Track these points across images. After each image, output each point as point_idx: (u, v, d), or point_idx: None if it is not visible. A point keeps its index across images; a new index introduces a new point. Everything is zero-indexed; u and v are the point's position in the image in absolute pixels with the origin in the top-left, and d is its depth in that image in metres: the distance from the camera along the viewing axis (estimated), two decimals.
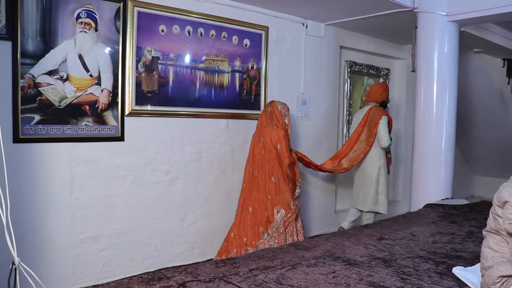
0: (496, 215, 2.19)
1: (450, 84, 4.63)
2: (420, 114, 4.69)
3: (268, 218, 4.22)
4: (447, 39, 4.63)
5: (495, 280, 2.15)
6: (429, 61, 4.63)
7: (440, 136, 4.58)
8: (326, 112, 5.49)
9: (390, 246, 3.13)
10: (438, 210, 4.29)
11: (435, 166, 4.61)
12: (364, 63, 6.18)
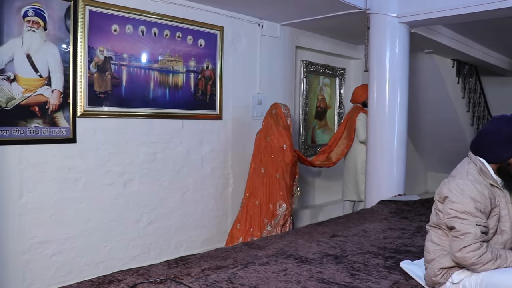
0: (438, 210, 2.27)
1: (402, 84, 4.74)
2: (373, 112, 4.79)
3: (272, 211, 4.62)
4: (398, 40, 4.74)
5: (436, 272, 2.23)
6: (381, 61, 4.73)
7: (392, 134, 4.70)
8: None
9: (342, 243, 3.19)
10: (390, 206, 4.39)
11: (388, 163, 4.72)
12: (320, 63, 6.26)
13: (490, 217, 2.18)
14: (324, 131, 6.41)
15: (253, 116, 5.17)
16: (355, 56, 6.76)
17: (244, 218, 4.68)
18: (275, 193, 4.63)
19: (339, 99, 6.63)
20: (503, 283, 2.00)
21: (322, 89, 6.39)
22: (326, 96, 6.46)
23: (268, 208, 4.64)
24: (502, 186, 2.27)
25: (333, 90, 6.58)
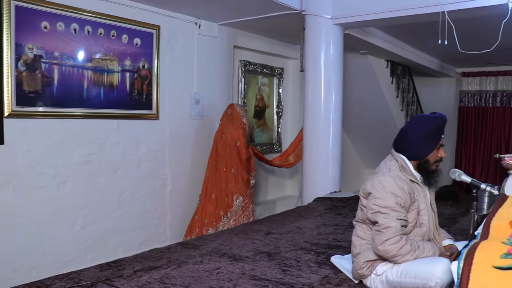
0: (362, 206, 2.37)
1: (336, 84, 4.87)
2: (309, 112, 4.89)
3: (228, 203, 4.95)
4: (333, 40, 4.87)
5: (361, 265, 2.32)
6: (316, 61, 4.84)
7: (328, 133, 4.82)
8: (220, 111, 5.54)
9: (276, 240, 3.25)
10: (326, 203, 4.51)
11: (324, 161, 4.84)
12: (258, 63, 6.32)
13: (410, 211, 2.30)
14: (263, 130, 6.48)
15: (190, 116, 5.16)
16: (293, 56, 6.86)
17: (201, 210, 4.98)
18: (231, 187, 4.97)
19: (277, 98, 6.71)
20: (419, 271, 2.12)
21: (261, 89, 6.45)
22: (264, 95, 6.53)
23: (224, 201, 4.95)
24: (421, 182, 2.40)
25: (272, 90, 6.66)
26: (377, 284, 2.31)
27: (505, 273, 1.51)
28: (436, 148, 2.35)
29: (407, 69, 8.49)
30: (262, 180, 6.44)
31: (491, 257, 1.58)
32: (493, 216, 1.97)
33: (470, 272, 1.56)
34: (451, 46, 4.33)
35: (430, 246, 2.27)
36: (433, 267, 2.07)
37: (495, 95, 9.51)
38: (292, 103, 7.04)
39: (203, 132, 5.35)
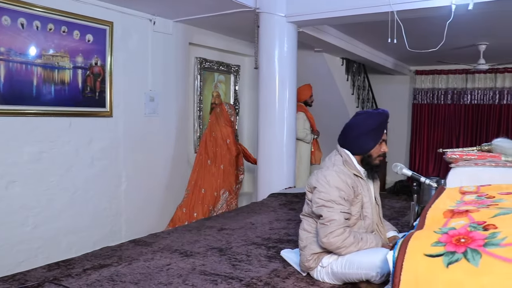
0: (308, 200, 2.42)
1: (290, 81, 4.93)
2: (263, 109, 4.94)
3: (216, 198, 5.27)
4: (287, 38, 4.92)
5: (308, 258, 2.38)
6: (270, 59, 4.89)
7: (282, 130, 4.87)
8: (176, 108, 5.53)
9: (229, 236, 3.28)
10: (280, 199, 4.57)
11: (278, 158, 4.89)
12: (214, 60, 6.33)
13: (353, 204, 2.37)
14: None
15: (145, 114, 5.12)
16: (250, 54, 6.87)
17: (190, 203, 5.22)
18: (220, 182, 5.31)
19: (234, 95, 6.73)
20: (362, 261, 2.20)
21: (217, 86, 6.46)
22: (221, 92, 6.54)
23: (213, 196, 5.28)
24: (365, 176, 2.48)
25: (228, 87, 6.67)
26: (323, 276, 2.38)
27: (434, 260, 1.59)
28: (379, 143, 2.43)
29: (362, 66, 8.67)
30: None
31: (423, 246, 1.65)
32: (429, 208, 2.05)
33: (403, 261, 1.63)
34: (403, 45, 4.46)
35: (373, 238, 2.35)
36: (374, 257, 2.15)
37: (447, 92, 9.83)
38: (249, 100, 7.07)
39: (159, 130, 5.32)
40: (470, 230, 1.71)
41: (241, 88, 6.92)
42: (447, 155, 3.03)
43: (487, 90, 9.50)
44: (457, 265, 1.55)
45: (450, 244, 1.64)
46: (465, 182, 2.64)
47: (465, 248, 1.60)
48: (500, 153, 2.94)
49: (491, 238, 1.63)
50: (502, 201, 2.04)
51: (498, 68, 9.13)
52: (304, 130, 6.10)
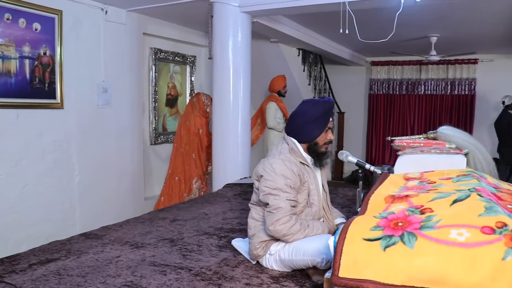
0: (256, 188, 2.44)
1: (244, 71, 4.92)
2: (217, 99, 4.92)
3: (190, 186, 5.48)
4: (241, 28, 4.90)
5: (256, 246, 2.40)
6: (224, 49, 4.86)
7: (236, 120, 4.87)
8: (130, 100, 5.45)
9: (181, 227, 3.27)
10: (236, 189, 4.57)
11: (233, 148, 4.89)
12: (169, 50, 6.25)
13: (300, 192, 2.40)
14: (176, 118, 6.43)
15: (98, 105, 5.02)
16: (205, 44, 6.80)
17: (167, 192, 5.46)
18: (192, 170, 5.51)
19: (190, 86, 6.68)
20: (308, 248, 2.23)
21: (173, 77, 6.39)
22: (177, 83, 6.48)
23: (187, 184, 5.49)
24: (312, 164, 2.51)
25: (184, 78, 6.62)
26: (271, 263, 2.40)
27: (372, 243, 1.63)
28: (325, 131, 2.46)
29: (318, 57, 8.75)
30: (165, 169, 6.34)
31: (362, 230, 1.70)
32: (372, 194, 2.10)
33: (343, 245, 1.67)
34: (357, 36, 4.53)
35: (320, 225, 2.38)
36: (320, 244, 2.18)
37: (401, 83, 10.05)
38: (206, 91, 7.02)
39: (113, 121, 5.23)
40: (408, 214, 1.76)
41: (198, 79, 6.88)
42: (395, 143, 3.12)
43: (439, 81, 9.77)
44: (393, 248, 1.60)
45: (388, 228, 1.68)
46: (412, 169, 2.72)
47: (402, 232, 1.65)
48: (444, 141, 3.04)
49: (427, 221, 1.68)
50: (442, 186, 2.11)
51: (449, 60, 9.39)
52: (275, 119, 6.27)
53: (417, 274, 1.54)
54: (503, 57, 9.25)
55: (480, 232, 1.60)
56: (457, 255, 1.54)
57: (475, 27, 6.47)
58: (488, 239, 1.57)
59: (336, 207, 3.85)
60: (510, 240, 1.55)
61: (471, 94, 9.51)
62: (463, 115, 9.54)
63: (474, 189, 1.95)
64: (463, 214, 1.70)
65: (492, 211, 1.71)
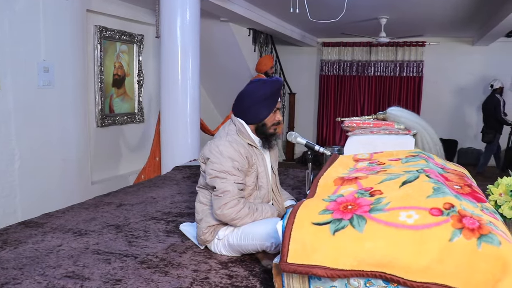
0: (203, 171, 2.36)
1: (193, 51, 4.78)
2: (165, 80, 4.77)
3: None
4: (189, 6, 4.73)
5: (204, 231, 2.33)
6: (172, 28, 4.69)
7: (185, 101, 4.74)
8: (74, 80, 5.18)
9: (127, 212, 3.15)
10: (185, 171, 4.47)
11: (182, 130, 4.77)
12: (116, 29, 6.00)
13: (248, 174, 2.34)
14: (123, 99, 6.23)
15: (39, 86, 4.74)
16: (153, 22, 6.59)
17: (147, 171, 5.39)
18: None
19: (138, 66, 6.46)
20: (256, 232, 2.19)
21: (120, 56, 6.16)
22: (124, 63, 6.25)
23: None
24: (260, 145, 2.45)
25: (132, 57, 6.39)
26: (220, 248, 2.34)
27: (321, 227, 1.59)
28: (273, 111, 2.39)
29: (269, 37, 8.67)
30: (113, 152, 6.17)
31: (311, 214, 1.65)
32: (321, 176, 2.06)
33: (291, 230, 1.62)
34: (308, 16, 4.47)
35: (269, 208, 2.34)
36: (268, 228, 2.13)
37: (352, 64, 10.15)
38: (154, 71, 6.83)
39: (55, 103, 4.96)
40: (357, 197, 1.73)
41: (146, 59, 6.66)
42: (345, 124, 3.11)
43: (388, 62, 9.92)
44: (343, 232, 1.56)
45: (338, 211, 1.65)
46: (362, 150, 2.71)
47: (351, 215, 1.62)
48: (393, 121, 3.05)
49: (376, 203, 1.66)
50: (391, 167, 2.10)
51: (398, 42, 9.55)
52: None
53: (367, 258, 1.51)
54: (449, 40, 9.50)
55: (429, 213, 1.59)
56: (406, 238, 1.52)
57: (423, 10, 6.57)
58: (436, 221, 1.56)
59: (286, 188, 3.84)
60: (457, 222, 1.55)
61: (418, 76, 9.73)
62: (411, 96, 9.75)
63: (422, 170, 1.95)
64: (412, 195, 1.69)
65: (440, 192, 1.70)
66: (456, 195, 1.79)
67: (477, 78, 9.43)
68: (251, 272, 2.16)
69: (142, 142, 6.64)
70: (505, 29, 7.17)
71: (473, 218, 1.58)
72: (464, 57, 9.48)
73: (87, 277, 2.07)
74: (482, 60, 9.38)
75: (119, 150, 6.30)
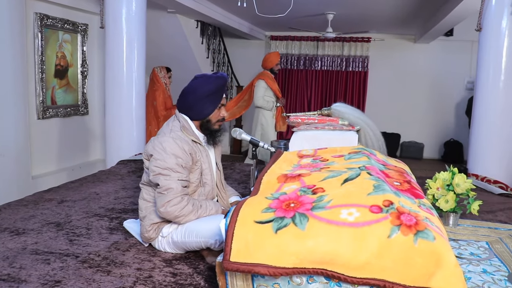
0: (146, 168, 2.32)
1: (139, 42, 4.68)
2: (110, 71, 4.65)
3: None
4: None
5: (147, 228, 2.30)
6: (117, 18, 4.58)
7: (131, 93, 4.64)
8: (12, 70, 4.95)
9: (69, 208, 3.06)
10: (130, 165, 4.39)
11: (127, 123, 4.67)
12: (58, 17, 5.77)
13: (193, 171, 2.32)
14: (67, 90, 6.01)
15: None
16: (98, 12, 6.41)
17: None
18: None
19: (82, 57, 6.25)
20: (201, 229, 2.18)
21: (62, 46, 5.93)
22: (67, 53, 6.03)
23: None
24: (204, 142, 2.43)
25: (75, 47, 6.16)
26: (164, 246, 2.32)
27: (264, 226, 1.60)
28: (218, 107, 2.38)
29: (218, 30, 8.62)
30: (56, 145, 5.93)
31: (254, 213, 1.66)
32: (265, 173, 2.08)
33: (234, 229, 1.62)
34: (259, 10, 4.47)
35: (213, 205, 2.33)
36: (212, 225, 2.12)
37: (299, 58, 10.25)
38: (99, 62, 6.63)
39: None
40: (300, 195, 1.75)
41: (90, 49, 6.45)
42: (291, 119, 3.13)
43: (335, 57, 10.09)
44: (285, 230, 1.58)
45: (280, 209, 1.66)
46: (306, 145, 2.75)
47: (293, 213, 1.64)
48: (337, 117, 3.11)
49: (319, 201, 1.69)
50: (334, 164, 2.14)
51: (344, 37, 9.73)
52: (263, 97, 6.20)
53: (308, 255, 1.54)
54: (393, 37, 9.77)
55: (369, 211, 1.63)
56: (347, 235, 1.56)
57: (368, 7, 6.72)
58: (376, 218, 1.60)
59: (232, 183, 3.86)
60: (396, 218, 1.60)
61: (364, 71, 9.95)
62: (356, 91, 9.97)
63: (364, 167, 1.99)
64: (353, 193, 1.73)
65: (380, 190, 1.75)
66: (396, 192, 1.85)
67: (419, 75, 9.75)
68: (196, 270, 2.15)
69: (87, 135, 6.45)
70: (444, 29, 7.45)
71: (410, 214, 1.64)
72: (407, 54, 9.78)
73: (23, 280, 1.99)
74: (424, 58, 9.71)
75: (63, 143, 6.09)
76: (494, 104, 4.30)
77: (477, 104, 4.44)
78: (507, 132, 4.33)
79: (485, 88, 4.32)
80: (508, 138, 4.34)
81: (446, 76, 9.49)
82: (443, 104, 9.56)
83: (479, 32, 4.32)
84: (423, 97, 9.73)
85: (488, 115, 4.34)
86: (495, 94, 4.28)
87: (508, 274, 2.14)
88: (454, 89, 9.46)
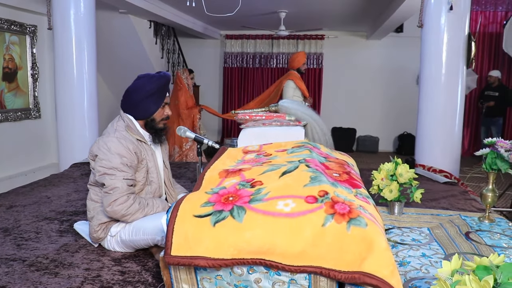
0: (92, 168, 2.33)
1: (89, 43, 4.65)
2: (60, 73, 4.60)
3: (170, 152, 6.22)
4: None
5: (96, 228, 2.32)
6: (65, 19, 4.54)
7: (82, 95, 4.61)
8: None
9: (18, 213, 3.03)
10: (83, 168, 4.36)
11: (80, 125, 4.63)
12: (3, 18, 5.63)
13: (139, 170, 2.35)
14: (16, 94, 5.89)
15: None
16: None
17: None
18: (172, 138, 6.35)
19: (32, 59, 6.13)
20: (147, 227, 2.22)
21: (10, 48, 5.81)
22: (15, 55, 5.90)
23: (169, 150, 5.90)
24: (150, 141, 2.47)
25: (24, 49, 6.04)
26: (113, 245, 2.34)
27: (202, 220, 1.66)
28: (161, 106, 2.42)
29: (171, 30, 8.59)
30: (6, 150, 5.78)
31: (193, 207, 1.71)
32: (208, 169, 2.13)
33: (174, 224, 1.67)
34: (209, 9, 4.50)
35: (160, 202, 2.37)
36: (158, 222, 2.16)
37: (255, 56, 10.33)
38: (50, 65, 6.52)
39: None
40: (238, 188, 1.81)
41: (40, 51, 6.34)
42: (239, 117, 3.19)
43: (290, 55, 10.19)
44: (223, 223, 1.64)
45: (219, 203, 1.72)
46: (254, 142, 2.81)
47: (232, 206, 1.69)
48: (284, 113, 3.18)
49: (256, 194, 1.75)
50: (276, 158, 2.21)
51: (298, 35, 9.86)
52: (292, 98, 6.08)
53: (246, 246, 1.60)
54: (345, 34, 9.97)
55: (304, 201, 1.70)
56: (283, 226, 1.63)
57: (321, 5, 6.85)
58: (310, 208, 1.68)
59: (186, 181, 3.89)
60: (330, 207, 1.68)
61: (319, 68, 10.12)
62: (312, 88, 10.12)
63: (304, 160, 2.07)
64: (290, 185, 1.80)
65: (316, 181, 1.83)
66: (333, 182, 1.93)
67: (373, 70, 9.99)
68: (144, 267, 2.18)
69: (40, 139, 6.33)
70: (394, 25, 7.68)
71: (344, 203, 1.72)
72: (360, 50, 10.01)
73: None
74: (376, 54, 9.95)
75: (15, 148, 5.96)
76: (438, 97, 4.50)
77: (422, 97, 4.62)
78: (450, 124, 4.53)
79: (428, 82, 4.51)
80: (451, 130, 4.54)
81: (398, 71, 9.77)
82: (396, 98, 9.83)
83: (421, 28, 4.50)
84: (377, 92, 9.98)
85: (432, 108, 4.53)
86: (438, 88, 4.47)
87: (444, 256, 2.26)
88: (406, 83, 9.75)
